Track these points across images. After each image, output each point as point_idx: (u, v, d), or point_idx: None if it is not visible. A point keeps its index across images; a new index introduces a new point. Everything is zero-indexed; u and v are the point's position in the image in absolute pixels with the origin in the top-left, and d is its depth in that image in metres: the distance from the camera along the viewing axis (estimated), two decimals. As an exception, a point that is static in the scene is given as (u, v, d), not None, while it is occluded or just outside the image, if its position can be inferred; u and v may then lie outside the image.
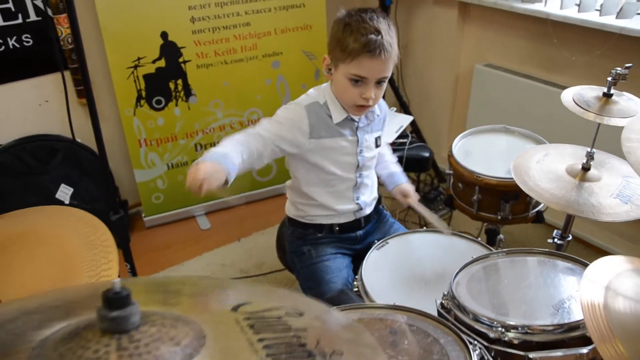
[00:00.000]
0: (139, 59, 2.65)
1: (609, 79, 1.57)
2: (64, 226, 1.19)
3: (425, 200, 3.10)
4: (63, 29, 2.52)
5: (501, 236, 2.27)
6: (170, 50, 2.71)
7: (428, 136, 3.27)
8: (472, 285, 1.27)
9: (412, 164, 2.42)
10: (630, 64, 1.54)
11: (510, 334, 1.08)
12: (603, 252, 2.73)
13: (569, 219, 1.82)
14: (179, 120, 2.87)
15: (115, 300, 0.62)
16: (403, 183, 1.94)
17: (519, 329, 1.09)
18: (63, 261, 1.10)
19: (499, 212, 2.00)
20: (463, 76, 3.13)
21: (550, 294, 1.21)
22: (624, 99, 1.63)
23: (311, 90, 1.72)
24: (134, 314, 0.63)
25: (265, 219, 3.01)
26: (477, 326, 1.13)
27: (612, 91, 1.60)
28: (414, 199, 1.89)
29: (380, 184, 1.99)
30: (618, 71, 1.55)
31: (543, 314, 1.15)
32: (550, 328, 1.08)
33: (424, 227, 1.79)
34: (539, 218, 2.07)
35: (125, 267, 1.79)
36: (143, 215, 3.04)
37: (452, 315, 1.18)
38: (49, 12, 2.49)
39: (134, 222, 3.11)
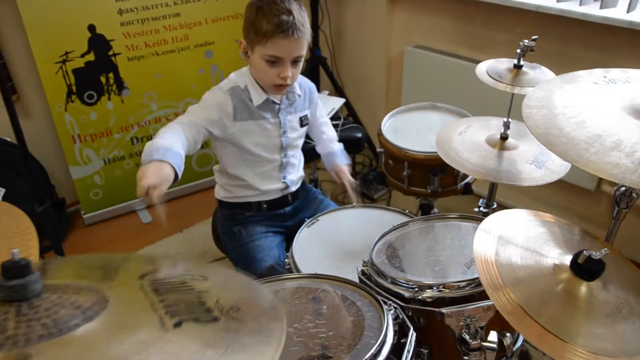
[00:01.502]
0: (66, 53, 2.60)
1: (518, 50, 1.65)
2: (-19, 217, 1.18)
3: (364, 181, 3.17)
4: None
5: (435, 210, 2.35)
6: (98, 43, 2.67)
7: (365, 118, 3.33)
8: (390, 251, 1.33)
9: (346, 145, 2.43)
10: (536, 36, 1.62)
11: (425, 293, 1.14)
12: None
13: (493, 187, 1.91)
14: (112, 114, 2.83)
15: (13, 269, 0.64)
16: (339, 163, 1.98)
17: (434, 287, 1.15)
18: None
19: (429, 186, 2.07)
20: (395, 58, 3.20)
21: (464, 253, 1.28)
22: (535, 71, 1.72)
23: (232, 75, 1.76)
24: (33, 281, 0.65)
25: (207, 209, 2.98)
26: (395, 288, 1.18)
27: (522, 62, 1.68)
28: (347, 179, 1.94)
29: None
30: (526, 43, 1.63)
31: (455, 272, 1.22)
32: (462, 284, 1.14)
33: (353, 204, 1.84)
34: (467, 189, 2.15)
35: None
36: (82, 212, 2.99)
37: (373, 281, 1.23)
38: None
39: (74, 220, 3.06)
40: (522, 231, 0.99)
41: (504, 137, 1.75)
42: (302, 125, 1.84)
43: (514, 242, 0.95)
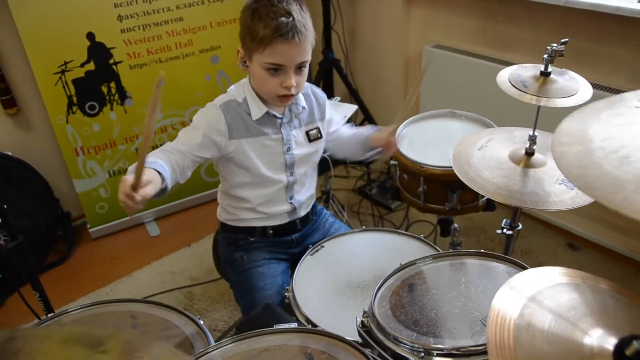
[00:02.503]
0: (65, 63, 2.48)
1: (545, 56, 1.46)
2: None
3: (381, 189, 3.00)
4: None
5: (455, 225, 2.17)
6: (98, 52, 2.55)
7: (382, 123, 3.15)
8: (395, 299, 1.15)
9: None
10: (566, 39, 1.42)
11: (434, 359, 0.96)
12: (555, 229, 2.66)
13: (517, 208, 1.72)
14: (115, 125, 2.72)
15: None
16: (368, 131, 1.75)
17: (444, 351, 0.97)
18: None
19: (447, 203, 1.89)
20: (413, 58, 3.02)
21: (480, 304, 1.09)
22: (564, 77, 1.52)
23: (231, 87, 1.61)
24: None
25: (216, 221, 2.87)
26: (398, 349, 1.00)
27: (550, 69, 1.49)
28: (387, 129, 1.70)
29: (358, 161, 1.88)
30: (554, 47, 1.44)
31: (470, 331, 1.03)
32: (480, 349, 0.96)
33: (363, 227, 1.67)
34: (489, 206, 1.97)
35: (34, 296, 1.64)
36: (88, 226, 2.89)
37: (374, 337, 1.06)
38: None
39: (80, 234, 2.96)
40: (554, 295, 0.80)
41: (529, 153, 1.56)
42: (310, 141, 1.66)
43: (547, 307, 0.77)
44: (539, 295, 0.79)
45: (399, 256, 1.35)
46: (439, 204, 1.91)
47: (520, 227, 1.72)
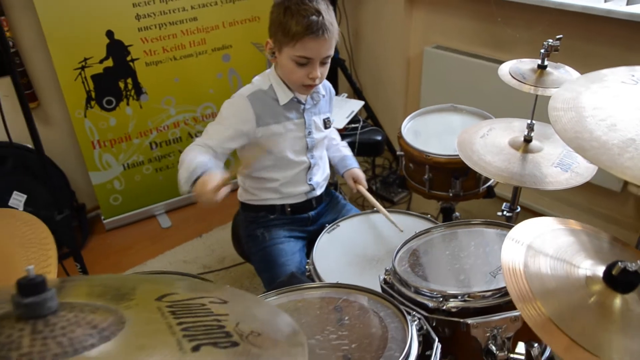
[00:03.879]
0: (85, 59, 2.61)
1: (542, 51, 1.61)
2: (2, 227, 1.18)
3: (384, 184, 3.13)
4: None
5: (457, 214, 2.31)
6: (117, 49, 2.67)
7: (384, 121, 3.30)
8: (413, 259, 1.30)
9: (365, 149, 2.43)
10: (560, 35, 1.57)
11: (450, 303, 1.10)
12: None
13: (516, 191, 1.86)
14: (131, 119, 2.84)
15: (29, 286, 0.62)
16: (354, 167, 1.97)
17: (458, 297, 1.11)
18: (-1, 260, 1.09)
19: (451, 190, 2.03)
20: (414, 59, 3.16)
21: (489, 261, 1.25)
22: (559, 71, 1.67)
23: (256, 78, 1.74)
24: (49, 299, 0.63)
25: (226, 213, 2.98)
26: (418, 298, 1.15)
27: (546, 62, 1.63)
28: (363, 184, 1.92)
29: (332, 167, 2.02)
30: (550, 43, 1.59)
31: (481, 281, 1.18)
32: (488, 294, 1.11)
33: (375, 208, 1.81)
34: (489, 193, 2.11)
35: (75, 267, 1.76)
36: (102, 217, 3.00)
37: (396, 290, 1.20)
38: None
39: (94, 225, 3.07)
40: (551, 240, 0.95)
41: (527, 140, 1.70)
42: (325, 127, 1.83)
43: (544, 252, 0.92)
44: (538, 240, 0.94)
45: (409, 233, 1.49)
46: (443, 191, 2.05)
47: (519, 209, 1.86)
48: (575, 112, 1.08)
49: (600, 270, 0.87)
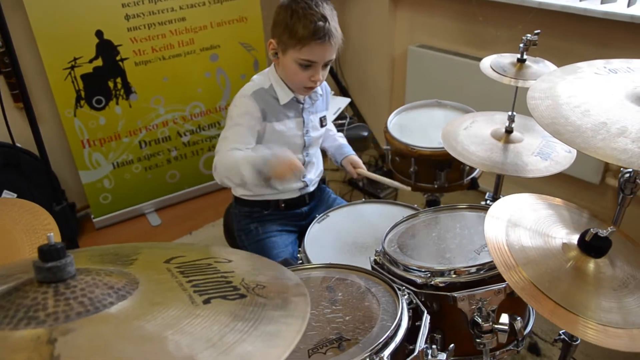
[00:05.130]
0: (75, 59, 2.64)
1: (521, 45, 1.68)
2: (4, 214, 1.22)
3: (370, 180, 3.19)
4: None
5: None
6: (106, 48, 2.71)
7: (369, 118, 3.37)
8: (402, 240, 1.36)
9: (351, 144, 2.47)
10: (539, 30, 1.65)
11: (437, 279, 1.17)
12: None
13: (499, 180, 1.93)
14: (120, 118, 2.87)
15: (50, 252, 0.67)
16: (351, 154, 2.02)
17: (445, 274, 1.18)
18: (4, 246, 1.12)
19: (436, 182, 2.09)
20: (398, 58, 3.23)
21: (473, 240, 1.31)
22: (538, 64, 1.75)
23: (255, 77, 1.78)
24: (69, 264, 0.68)
25: (215, 211, 3.04)
26: (407, 275, 1.21)
27: (525, 56, 1.71)
28: (362, 167, 1.97)
29: (326, 157, 2.07)
30: (529, 37, 1.66)
31: (466, 258, 1.25)
32: (473, 269, 1.17)
33: (363, 199, 1.87)
34: (473, 184, 2.18)
35: (72, 258, 1.79)
36: (92, 216, 3.03)
37: (386, 269, 1.26)
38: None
39: (84, 224, 3.10)
40: (530, 214, 1.02)
41: (509, 131, 1.78)
42: (322, 126, 1.88)
43: (523, 225, 0.99)
44: (518, 213, 1.00)
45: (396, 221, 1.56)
46: (428, 183, 2.11)
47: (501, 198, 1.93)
48: (551, 100, 1.15)
49: (576, 238, 0.94)
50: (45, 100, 2.77)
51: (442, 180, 2.08)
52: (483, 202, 1.94)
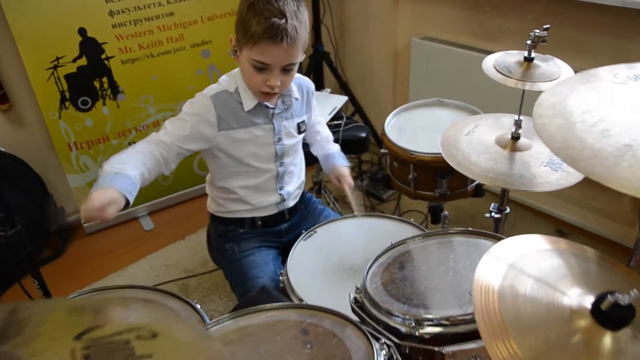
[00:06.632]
0: (57, 58, 2.50)
1: (528, 42, 1.50)
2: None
3: (372, 180, 3.04)
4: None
5: (446, 213, 2.22)
6: (90, 47, 2.56)
7: (372, 114, 3.20)
8: (386, 276, 1.19)
9: (349, 146, 2.32)
10: (548, 25, 1.47)
11: (424, 329, 1.00)
12: (544, 216, 2.72)
13: (505, 191, 1.77)
14: (108, 119, 2.74)
15: None
16: (338, 166, 1.86)
17: (434, 321, 1.01)
18: None
19: (437, 190, 1.93)
20: (401, 51, 3.06)
21: (468, 278, 1.14)
22: (547, 63, 1.57)
23: (223, 77, 1.62)
24: None
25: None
26: (390, 322, 1.04)
27: (533, 55, 1.53)
28: (348, 183, 1.82)
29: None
30: (537, 34, 1.48)
31: (459, 302, 1.07)
32: (468, 318, 1.00)
33: (354, 213, 1.72)
34: (478, 192, 2.02)
35: (33, 285, 1.66)
36: (82, 222, 2.91)
37: (366, 311, 1.10)
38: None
39: (74, 229, 2.97)
40: (534, 263, 0.84)
41: (515, 137, 1.61)
42: (299, 132, 1.70)
43: (524, 279, 0.81)
44: (521, 260, 0.83)
45: (390, 239, 1.38)
46: (428, 191, 1.95)
47: (508, 210, 1.77)
48: (562, 119, 0.96)
49: (587, 300, 0.75)
50: (28, 102, 2.63)
51: (443, 188, 1.91)
52: (487, 215, 1.78)
